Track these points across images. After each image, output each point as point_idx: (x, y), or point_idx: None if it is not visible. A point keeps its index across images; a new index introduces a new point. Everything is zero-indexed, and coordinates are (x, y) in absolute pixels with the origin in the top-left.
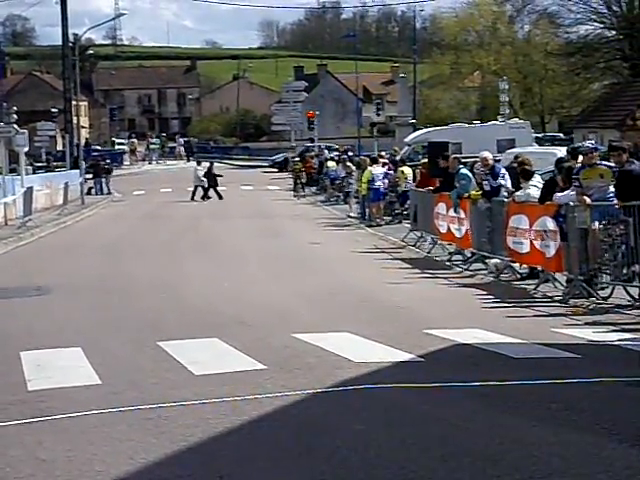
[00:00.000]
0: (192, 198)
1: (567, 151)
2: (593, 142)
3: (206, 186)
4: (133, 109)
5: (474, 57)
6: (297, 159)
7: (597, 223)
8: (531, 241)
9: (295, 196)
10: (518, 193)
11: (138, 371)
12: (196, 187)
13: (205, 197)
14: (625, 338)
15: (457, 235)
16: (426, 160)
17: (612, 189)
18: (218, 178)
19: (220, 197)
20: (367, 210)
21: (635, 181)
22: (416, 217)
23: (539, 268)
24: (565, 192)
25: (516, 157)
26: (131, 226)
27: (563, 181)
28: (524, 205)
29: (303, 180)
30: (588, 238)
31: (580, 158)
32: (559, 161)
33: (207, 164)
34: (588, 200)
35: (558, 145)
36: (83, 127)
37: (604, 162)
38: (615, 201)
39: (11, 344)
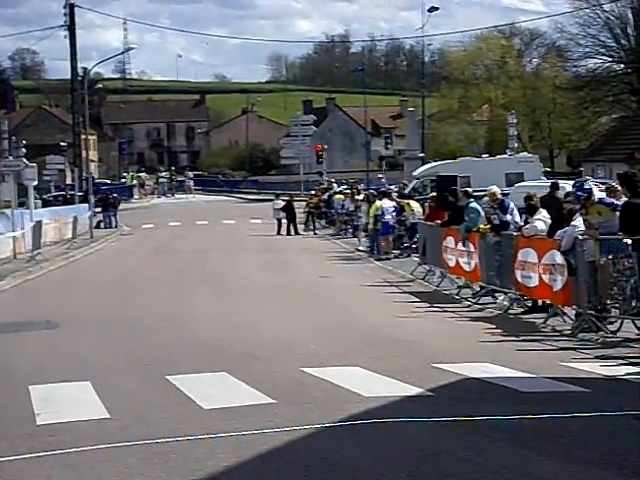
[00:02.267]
0: (278, 232)
1: (574, 185)
2: (589, 183)
3: (285, 220)
4: (142, 143)
5: (482, 91)
6: (312, 193)
7: (604, 256)
8: (539, 275)
9: (305, 231)
10: (526, 227)
11: (147, 405)
12: (279, 221)
13: (289, 232)
14: (634, 372)
15: (466, 269)
16: (434, 194)
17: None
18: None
19: (296, 232)
20: (375, 243)
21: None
22: (425, 251)
23: (547, 302)
24: (566, 229)
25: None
26: (140, 260)
27: (567, 219)
28: (532, 239)
29: (315, 216)
30: (597, 272)
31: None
32: (567, 195)
33: (287, 198)
34: (596, 234)
35: (566, 179)
36: (92, 161)
37: (606, 199)
38: (621, 235)
39: (20, 378)
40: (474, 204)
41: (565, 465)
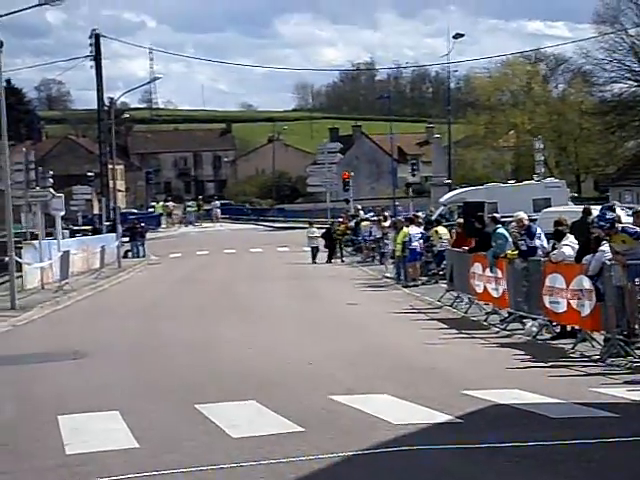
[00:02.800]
0: (313, 260)
1: (601, 210)
2: (612, 213)
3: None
4: (169, 172)
5: (508, 117)
6: (339, 221)
7: (632, 282)
8: (568, 300)
9: (333, 258)
10: (554, 253)
11: (175, 434)
12: (313, 249)
13: (330, 259)
14: None
15: (494, 295)
16: (462, 220)
17: None
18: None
19: (330, 260)
20: (402, 270)
21: None
22: (452, 277)
23: (575, 327)
24: (588, 257)
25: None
26: (168, 289)
27: (592, 248)
28: (560, 264)
29: (342, 244)
30: (625, 297)
31: (620, 214)
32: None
33: (327, 225)
34: (623, 259)
35: (594, 204)
36: (119, 190)
37: (629, 228)
38: None
39: (48, 408)
40: (501, 230)
41: None
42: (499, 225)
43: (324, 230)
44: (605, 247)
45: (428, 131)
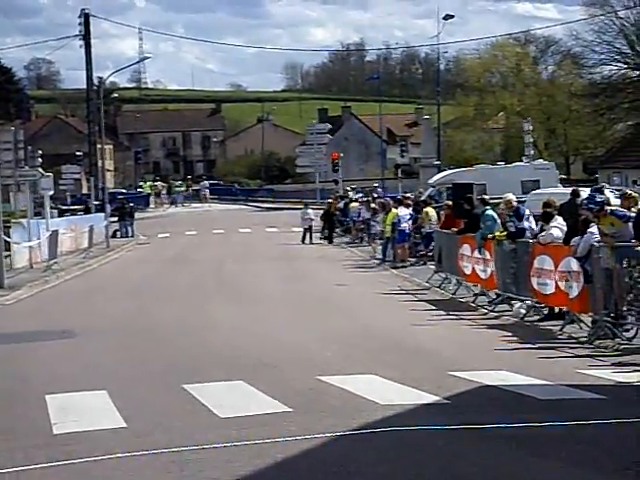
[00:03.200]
0: (302, 241)
1: (591, 193)
2: (602, 195)
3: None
4: (158, 152)
5: (498, 98)
6: (329, 202)
7: (619, 264)
8: (556, 282)
9: (321, 238)
10: (542, 234)
11: (163, 414)
12: (305, 230)
13: (328, 238)
14: None
15: (482, 276)
16: (450, 201)
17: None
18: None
19: (330, 241)
20: (391, 251)
21: None
22: (441, 258)
23: (563, 309)
24: (580, 238)
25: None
26: (156, 269)
27: (581, 230)
28: (548, 246)
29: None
30: (613, 279)
31: (609, 197)
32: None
33: (325, 207)
34: (612, 241)
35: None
36: (108, 170)
37: (619, 211)
38: (634, 242)
39: (37, 387)
40: (490, 211)
41: (581, 472)
42: (488, 207)
43: (322, 211)
44: (593, 229)
45: (417, 112)
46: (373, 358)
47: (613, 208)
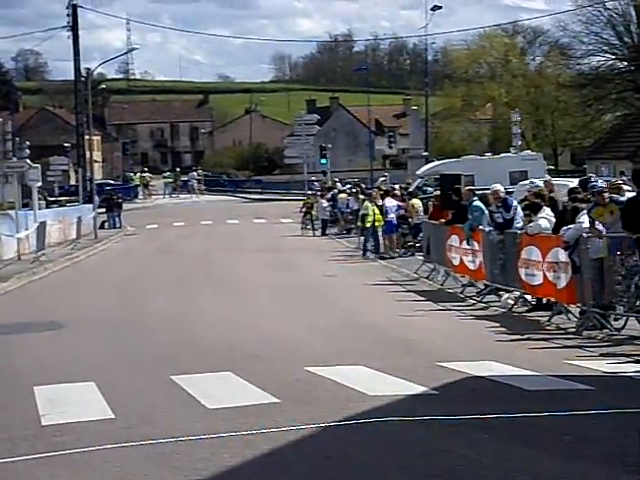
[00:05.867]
0: (323, 233)
1: (579, 183)
2: (600, 180)
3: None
4: (146, 143)
5: (486, 89)
6: (311, 193)
7: (612, 254)
8: (544, 273)
9: (302, 229)
10: (530, 225)
11: (151, 405)
12: (324, 221)
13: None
14: (639, 369)
15: (470, 267)
16: (438, 192)
17: None
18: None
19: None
20: (381, 243)
21: None
22: (429, 249)
23: (551, 300)
24: (571, 226)
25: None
26: (144, 260)
27: (569, 220)
28: (536, 237)
29: (314, 216)
30: (604, 269)
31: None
32: (571, 191)
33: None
34: (601, 228)
35: (571, 177)
36: (96, 161)
37: (619, 198)
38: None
39: (25, 379)
40: (477, 202)
41: (569, 463)
42: (475, 197)
43: (303, 203)
44: (583, 218)
45: (405, 103)
46: (361, 349)
47: (612, 195)
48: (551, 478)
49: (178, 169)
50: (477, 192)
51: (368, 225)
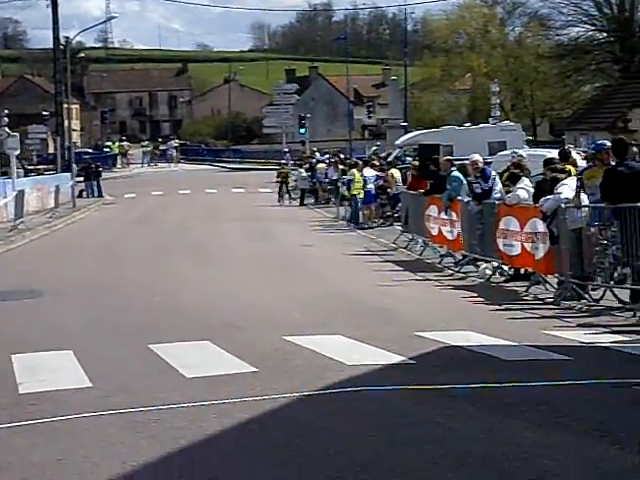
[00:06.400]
0: (302, 203)
1: (558, 154)
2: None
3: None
4: (124, 112)
5: (465, 60)
6: (284, 163)
7: (592, 226)
8: (522, 243)
9: (279, 201)
10: (508, 195)
11: (129, 374)
12: (302, 191)
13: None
14: (616, 340)
15: (448, 237)
16: (417, 162)
17: None
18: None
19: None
20: (360, 213)
21: (623, 182)
22: (407, 220)
23: (529, 270)
24: (548, 197)
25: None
26: (122, 229)
27: (548, 190)
28: (514, 207)
29: (290, 187)
30: (582, 240)
31: (576, 158)
32: (547, 162)
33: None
34: (584, 197)
35: (549, 147)
36: (74, 130)
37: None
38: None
39: (2, 347)
40: (456, 172)
41: (546, 433)
42: (453, 168)
43: (277, 173)
44: (562, 189)
45: (385, 73)
46: (339, 318)
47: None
48: (529, 448)
49: (160, 139)
50: (456, 162)
51: (355, 193)
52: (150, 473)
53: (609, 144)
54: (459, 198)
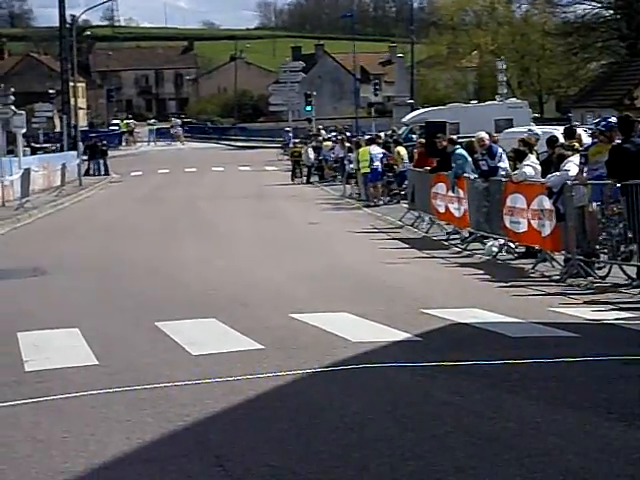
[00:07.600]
0: (308, 181)
1: (564, 131)
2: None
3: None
4: (130, 90)
5: (472, 37)
6: (297, 142)
7: (594, 203)
8: (528, 220)
9: (293, 180)
10: (515, 173)
11: (135, 351)
12: (309, 169)
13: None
14: (623, 317)
15: (455, 215)
16: (423, 140)
17: None
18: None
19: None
20: (365, 190)
21: (630, 159)
22: (414, 197)
23: (536, 247)
24: (554, 174)
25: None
26: (129, 207)
27: (555, 167)
28: (521, 184)
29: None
30: (585, 217)
31: (581, 134)
32: (550, 140)
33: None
34: (585, 179)
35: (556, 124)
36: (81, 108)
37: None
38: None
39: (8, 325)
40: (460, 150)
41: (553, 409)
42: (458, 145)
43: (290, 153)
44: (569, 166)
45: (391, 50)
46: (345, 296)
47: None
48: (536, 425)
49: (172, 118)
50: (461, 140)
51: (366, 171)
52: (155, 450)
53: (615, 121)
54: (465, 175)
